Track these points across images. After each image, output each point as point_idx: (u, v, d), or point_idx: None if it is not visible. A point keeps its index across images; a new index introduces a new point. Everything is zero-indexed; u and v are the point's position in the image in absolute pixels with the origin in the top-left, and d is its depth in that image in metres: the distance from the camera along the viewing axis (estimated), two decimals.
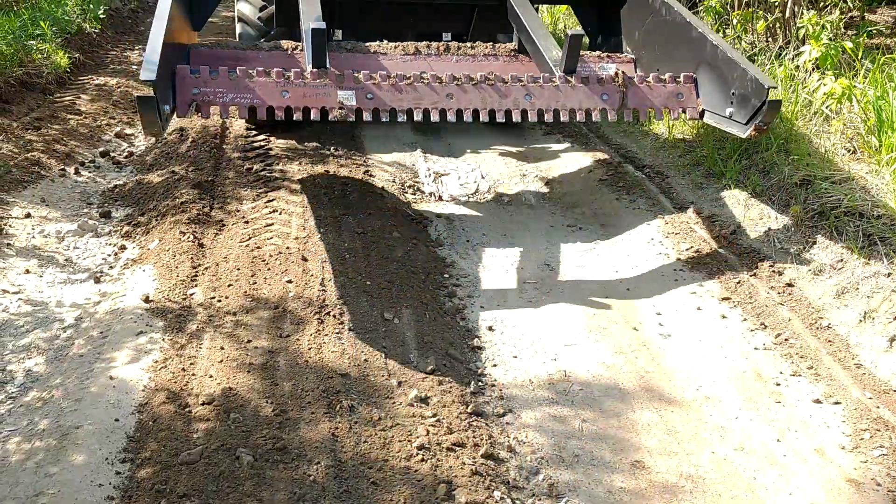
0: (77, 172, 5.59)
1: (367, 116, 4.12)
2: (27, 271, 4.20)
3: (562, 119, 4.41)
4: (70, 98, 6.91)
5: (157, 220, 4.82)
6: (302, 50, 4.85)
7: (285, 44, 5.03)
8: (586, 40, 5.42)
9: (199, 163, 5.65)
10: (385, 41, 5.18)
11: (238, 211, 4.92)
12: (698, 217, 5.05)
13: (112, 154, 6.06)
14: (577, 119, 4.41)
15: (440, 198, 5.59)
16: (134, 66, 8.22)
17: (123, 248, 4.58)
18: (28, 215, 4.80)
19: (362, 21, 5.59)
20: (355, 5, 5.54)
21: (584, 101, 4.41)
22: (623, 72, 4.51)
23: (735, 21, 6.82)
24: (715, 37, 4.56)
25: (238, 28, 6.14)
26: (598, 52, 5.27)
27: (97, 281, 4.17)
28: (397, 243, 4.56)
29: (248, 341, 3.49)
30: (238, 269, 4.15)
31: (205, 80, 3.96)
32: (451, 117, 4.25)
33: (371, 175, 5.65)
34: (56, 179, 5.40)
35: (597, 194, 5.50)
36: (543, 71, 4.65)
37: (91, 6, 8.82)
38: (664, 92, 4.54)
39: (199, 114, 4.00)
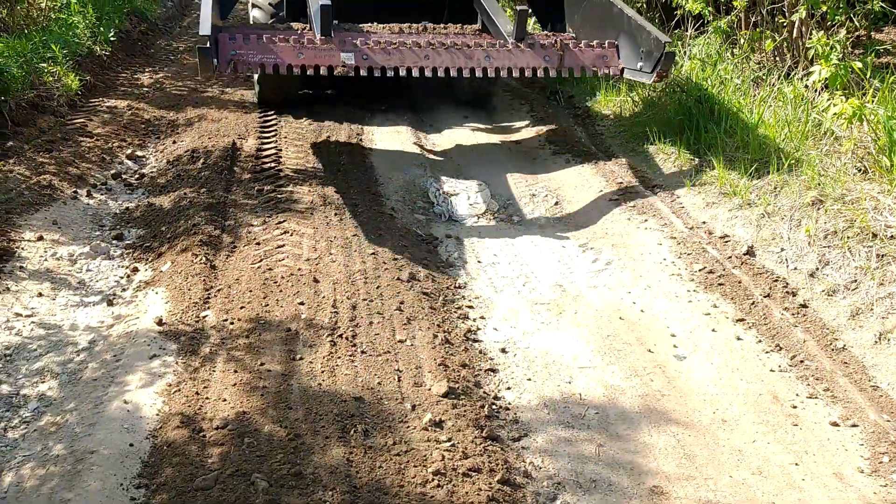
0: (89, 195, 5.61)
1: (363, 73, 5.36)
2: (40, 294, 4.21)
3: (513, 75, 5.69)
4: (81, 120, 6.95)
5: (169, 242, 4.84)
6: (310, 29, 5.92)
7: (295, 25, 6.21)
8: (531, 18, 6.87)
9: (211, 184, 5.67)
10: (375, 23, 6.28)
11: (249, 233, 4.92)
12: (710, 237, 5.04)
13: (124, 176, 6.08)
14: (526, 75, 5.69)
15: (450, 218, 5.60)
16: (145, 89, 8.28)
17: (136, 270, 4.59)
18: (40, 238, 4.81)
19: (350, 13, 6.35)
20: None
21: (531, 61, 5.63)
22: (561, 39, 5.81)
23: (742, 41, 6.84)
24: (630, 11, 5.77)
25: (252, 13, 7.32)
26: (545, 32, 6.58)
27: (110, 303, 4.18)
28: (408, 264, 4.56)
29: (262, 364, 3.48)
30: (250, 292, 4.15)
31: (240, 45, 5.23)
32: (427, 73, 5.50)
33: (381, 196, 5.66)
34: (68, 202, 5.42)
35: (607, 214, 5.49)
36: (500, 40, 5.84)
37: (101, 29, 8.89)
38: (592, 55, 5.76)
39: (237, 70, 5.24)
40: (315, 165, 6.18)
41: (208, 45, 4.87)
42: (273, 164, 6.16)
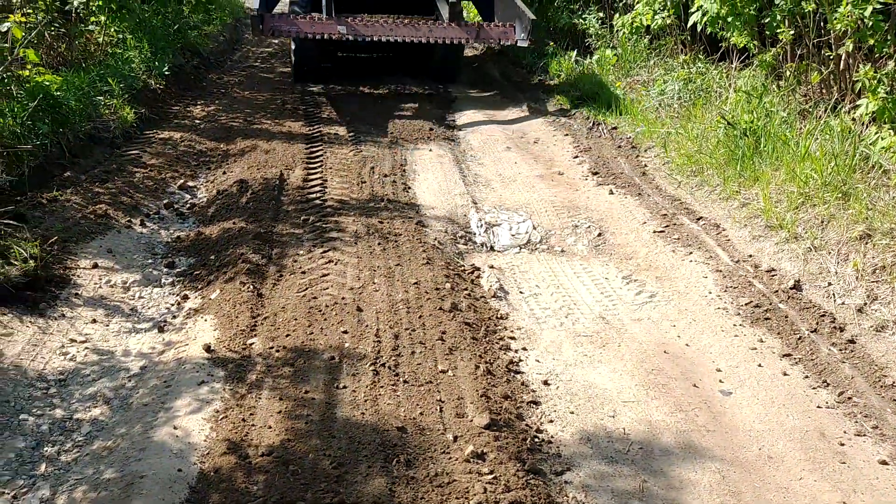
0: (142, 224, 5.78)
1: (349, 38, 8.58)
2: (94, 321, 4.34)
3: (446, 42, 8.78)
4: (136, 152, 7.18)
5: (217, 270, 4.95)
6: (320, 18, 8.73)
7: (314, 14, 8.90)
8: (461, 6, 9.47)
9: (259, 214, 5.80)
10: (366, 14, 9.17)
11: (295, 262, 5.02)
12: (756, 270, 4.99)
13: (176, 206, 6.26)
14: (456, 41, 8.85)
15: (492, 248, 5.63)
16: (197, 121, 8.52)
17: (186, 297, 4.70)
18: (95, 266, 4.97)
19: (350, 8, 9.43)
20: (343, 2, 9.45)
21: (458, 33, 8.77)
22: (479, 22, 9.27)
23: (788, 73, 6.80)
24: (521, 4, 8.80)
25: (291, 7, 9.92)
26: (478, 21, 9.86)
27: (161, 330, 4.29)
28: (450, 294, 4.60)
29: (306, 392, 3.53)
30: (295, 320, 4.22)
31: (277, 20, 8.68)
32: (392, 40, 8.59)
33: (423, 226, 5.73)
34: (122, 231, 5.59)
35: (651, 246, 5.47)
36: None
37: (156, 63, 9.19)
38: (498, 31, 8.92)
39: (273, 35, 8.76)
40: (359, 196, 6.28)
41: (260, 20, 8.50)
42: (318, 195, 6.29)
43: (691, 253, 5.29)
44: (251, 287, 4.59)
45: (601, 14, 10.76)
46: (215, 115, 8.84)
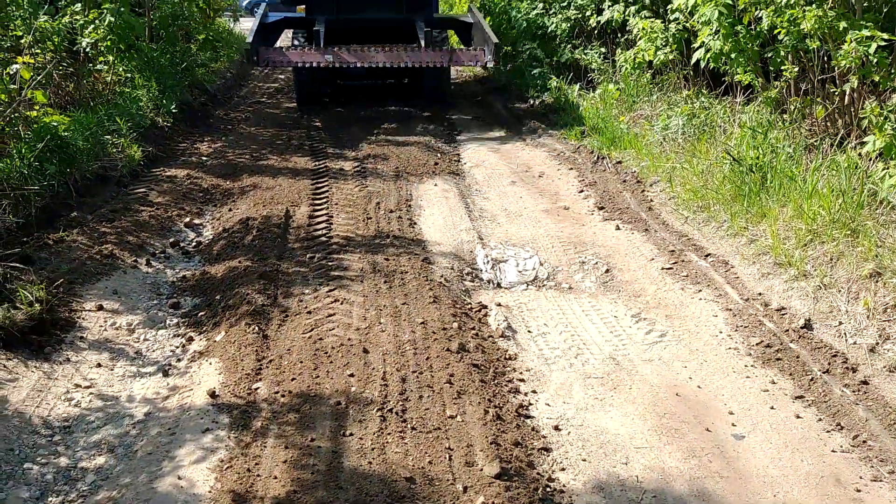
0: (148, 263, 5.77)
1: (336, 65, 9.59)
2: (99, 365, 4.31)
3: (423, 66, 9.88)
4: (143, 190, 7.20)
5: (223, 311, 4.93)
6: (312, 48, 9.81)
7: (305, 46, 10.21)
8: (434, 34, 10.45)
9: (264, 253, 5.79)
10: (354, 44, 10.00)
11: (301, 301, 4.99)
12: (766, 309, 4.94)
13: (181, 244, 6.25)
14: (432, 65, 9.87)
15: (499, 285, 5.60)
16: (204, 158, 8.56)
17: (191, 339, 4.67)
18: (100, 307, 4.95)
19: (341, 39, 10.21)
20: (339, 29, 10.40)
21: (434, 58, 9.80)
22: (452, 47, 10.42)
23: (792, 108, 6.79)
24: (489, 31, 10.14)
25: (291, 40, 11.52)
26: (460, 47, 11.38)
27: (165, 374, 4.25)
28: (458, 334, 4.56)
29: (312, 440, 3.48)
30: (301, 362, 4.18)
31: (270, 52, 9.73)
32: (375, 65, 9.73)
33: (429, 263, 5.70)
34: (128, 271, 5.58)
35: (660, 283, 5.43)
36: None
37: (164, 101, 9.26)
38: (470, 55, 10.19)
39: (268, 65, 9.98)
40: (364, 232, 6.27)
41: (254, 52, 9.56)
42: (324, 232, 6.28)
43: (700, 291, 5.25)
44: (256, 329, 4.56)
45: (603, 49, 10.83)
46: (222, 151, 8.88)
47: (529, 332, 4.85)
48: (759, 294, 5.15)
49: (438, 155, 8.81)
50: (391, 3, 10.83)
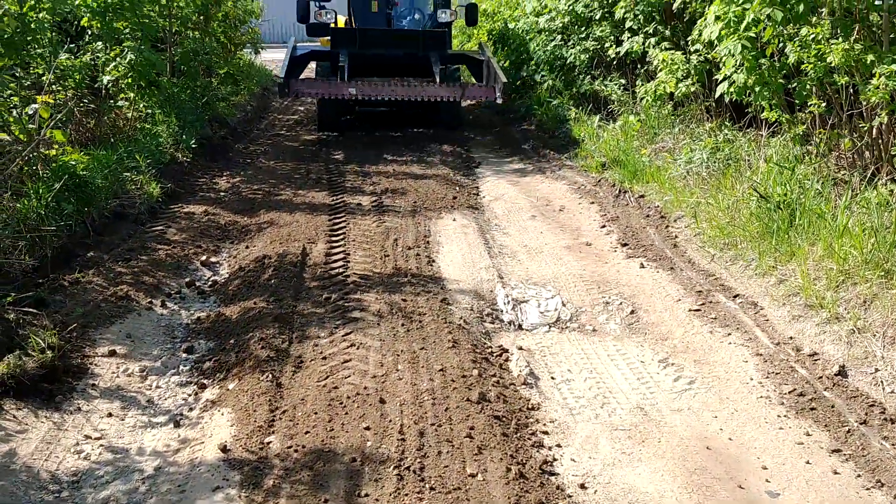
0: (163, 304, 5.69)
1: (360, 97, 10.34)
2: (110, 414, 4.21)
3: (439, 100, 10.68)
4: (160, 227, 7.16)
5: (236, 355, 4.82)
6: (339, 80, 10.65)
7: (331, 79, 11.13)
8: (448, 70, 11.92)
9: (279, 293, 5.69)
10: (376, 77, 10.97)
11: (316, 346, 4.87)
12: (798, 354, 4.75)
13: (197, 284, 6.17)
14: (446, 99, 10.69)
15: (520, 327, 5.45)
16: (222, 193, 8.52)
17: (203, 386, 4.56)
18: (113, 353, 4.86)
19: (364, 72, 11.13)
20: (360, 62, 11.15)
21: (447, 92, 10.59)
22: (464, 83, 11.17)
23: (818, 140, 6.60)
24: (498, 69, 10.84)
25: (315, 71, 13.00)
26: (473, 82, 12.08)
27: (177, 425, 4.14)
28: (478, 382, 4.41)
29: (325, 501, 3.34)
30: (315, 414, 4.05)
31: (300, 85, 10.60)
32: (394, 98, 10.45)
33: (448, 304, 5.57)
34: (143, 313, 5.50)
35: (687, 326, 5.26)
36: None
37: (184, 137, 9.27)
38: (481, 91, 11.00)
39: (297, 96, 10.96)
40: (382, 270, 6.16)
41: (286, 85, 10.43)
42: (341, 270, 6.17)
43: (729, 334, 5.07)
44: (270, 376, 4.44)
45: (623, 80, 10.74)
46: (240, 186, 8.85)
47: (553, 378, 4.69)
48: (791, 338, 4.96)
49: (457, 188, 8.72)
50: (409, 41, 11.52)
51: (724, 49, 6.58)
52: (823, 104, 6.17)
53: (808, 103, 6.33)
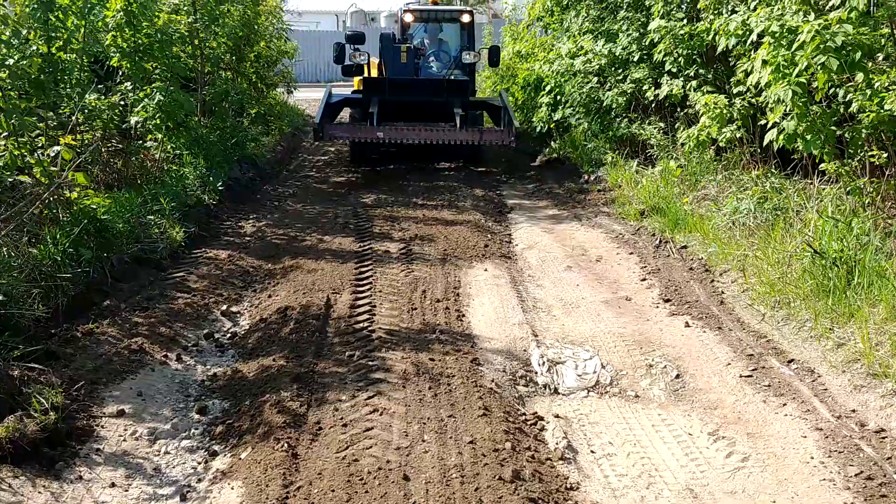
0: (179, 358, 5.41)
1: (387, 140, 11.19)
2: (113, 485, 3.90)
3: (458, 143, 11.33)
4: (181, 274, 6.93)
5: (251, 419, 4.50)
6: (367, 125, 11.58)
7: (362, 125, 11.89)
8: (470, 116, 12.52)
9: (300, 349, 5.39)
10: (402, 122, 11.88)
11: (337, 410, 4.54)
12: (863, 430, 4.30)
13: (216, 336, 5.90)
14: (466, 142, 11.39)
15: (556, 391, 5.07)
16: (247, 238, 8.31)
17: (214, 454, 4.24)
18: (121, 413, 4.57)
19: (392, 117, 11.87)
20: (389, 108, 11.92)
21: (467, 136, 11.31)
22: (481, 127, 12.09)
23: (871, 189, 6.16)
24: (512, 114, 12.07)
25: (349, 114, 13.52)
26: (491, 126, 13.00)
27: (183, 499, 3.82)
28: (511, 457, 4.03)
29: None
30: (333, 491, 3.70)
31: (334, 129, 11.60)
32: (418, 142, 11.12)
33: (479, 364, 5.21)
34: (156, 368, 5.22)
35: (738, 394, 4.83)
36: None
37: (211, 179, 9.11)
38: (498, 135, 11.73)
39: (332, 140, 11.77)
40: (409, 325, 5.84)
41: (320, 129, 11.24)
42: (366, 325, 5.85)
43: (785, 405, 4.64)
44: (285, 445, 4.11)
45: (662, 124, 10.41)
46: (266, 230, 8.63)
47: (592, 452, 4.29)
48: (853, 411, 4.51)
49: (488, 235, 8.41)
50: (433, 88, 12.39)
51: (773, 95, 6.23)
52: (885, 154, 5.77)
53: (871, 157, 5.92)
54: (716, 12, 9.00)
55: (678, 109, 10.03)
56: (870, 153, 5.83)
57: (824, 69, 5.47)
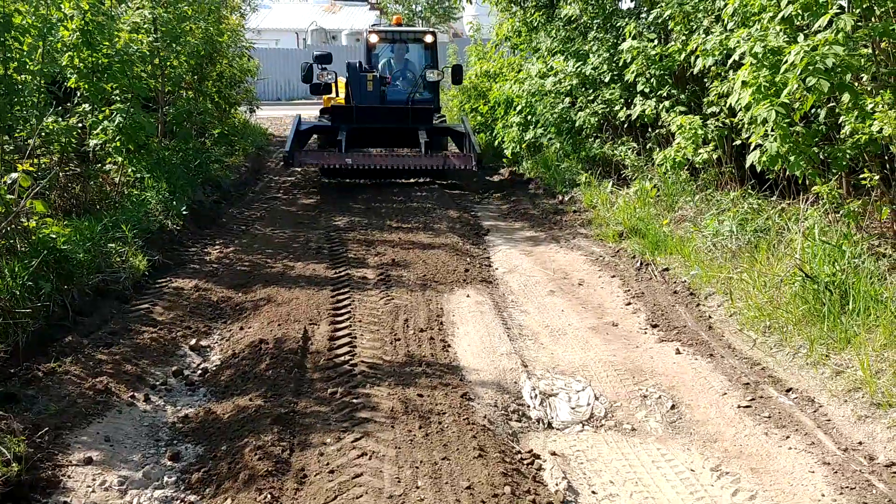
0: (147, 399, 5.07)
1: (354, 167, 11.68)
2: None
3: (422, 168, 12.00)
4: (146, 306, 6.57)
5: (230, 466, 4.18)
6: (335, 152, 11.97)
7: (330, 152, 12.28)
8: (444, 141, 13.72)
9: (278, 386, 5.09)
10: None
11: (322, 454, 4.25)
12: (873, 464, 4.17)
13: (186, 372, 5.57)
14: (431, 167, 12.00)
15: (550, 425, 4.86)
16: (214, 265, 7.96)
17: None
18: (89, 460, 4.23)
19: (360, 142, 12.74)
20: (357, 133, 12.43)
21: (431, 162, 11.85)
22: (446, 152, 12.71)
23: (849, 209, 6.07)
24: (475, 139, 12.57)
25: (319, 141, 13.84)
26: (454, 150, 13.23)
27: None
28: (512, 503, 3.79)
29: None
30: None
31: (303, 156, 11.92)
32: (385, 167, 11.95)
33: (469, 399, 4.97)
34: (123, 410, 4.88)
35: (738, 426, 4.67)
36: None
37: (174, 203, 8.75)
38: (461, 159, 12.07)
39: (301, 166, 12.24)
40: (393, 358, 5.58)
41: (290, 156, 11.52)
42: (347, 358, 5.58)
43: (788, 437, 4.49)
44: (268, 496, 3.81)
45: (635, 144, 10.35)
46: (233, 257, 8.29)
47: (594, 493, 4.08)
48: (860, 443, 4.38)
49: (467, 259, 8.20)
50: (399, 116, 12.85)
51: (756, 115, 6.15)
52: (876, 177, 5.71)
53: (861, 179, 5.85)
54: (686, 32, 8.99)
55: (650, 130, 9.98)
56: (861, 176, 5.76)
57: (814, 90, 5.39)
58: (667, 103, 9.28)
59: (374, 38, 14.40)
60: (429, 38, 14.23)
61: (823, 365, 5.11)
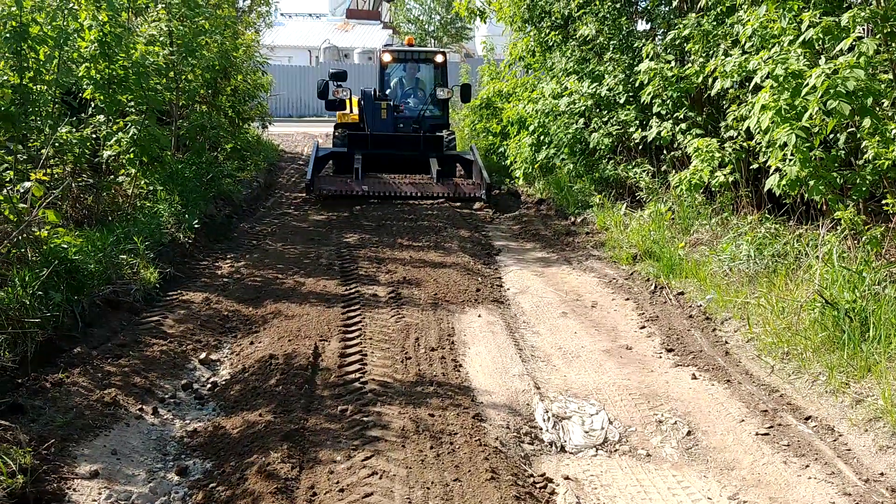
0: (155, 412, 5.01)
1: (370, 193, 12.40)
2: None
3: (434, 195, 12.52)
4: (156, 318, 6.52)
5: (237, 483, 4.11)
6: (351, 179, 12.58)
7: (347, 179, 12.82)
8: (455, 168, 14.28)
9: (288, 402, 5.02)
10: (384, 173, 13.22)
11: (332, 473, 4.17)
12: (895, 496, 4.06)
13: (195, 386, 5.51)
14: (440, 195, 12.55)
15: (563, 448, 4.77)
16: (225, 279, 7.92)
17: None
18: (95, 474, 4.16)
19: (375, 168, 13.15)
20: (371, 159, 13.13)
21: (443, 190, 12.62)
22: (456, 181, 13.19)
23: (872, 235, 5.98)
24: (484, 170, 12.97)
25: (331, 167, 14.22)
26: (462, 178, 13.78)
27: None
28: None
29: None
30: None
31: (323, 182, 12.58)
32: (398, 194, 12.46)
33: (481, 420, 4.89)
34: (131, 423, 4.81)
35: (756, 454, 4.56)
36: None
37: (187, 216, 8.73)
38: (471, 187, 12.80)
39: (320, 193, 12.33)
40: (403, 377, 5.50)
41: (311, 184, 12.28)
42: (358, 376, 5.50)
43: (807, 466, 4.38)
44: None
45: (649, 166, 10.30)
46: (244, 271, 8.25)
47: None
48: (882, 474, 4.27)
49: (479, 279, 8.13)
50: (411, 144, 13.52)
51: (777, 139, 6.09)
52: None
53: (884, 205, 5.78)
54: (704, 55, 8.97)
55: (665, 152, 9.93)
56: (884, 202, 5.69)
57: (835, 114, 5.33)
58: (683, 125, 9.24)
59: (387, 58, 14.80)
60: (439, 58, 14.67)
61: (843, 393, 5.01)
